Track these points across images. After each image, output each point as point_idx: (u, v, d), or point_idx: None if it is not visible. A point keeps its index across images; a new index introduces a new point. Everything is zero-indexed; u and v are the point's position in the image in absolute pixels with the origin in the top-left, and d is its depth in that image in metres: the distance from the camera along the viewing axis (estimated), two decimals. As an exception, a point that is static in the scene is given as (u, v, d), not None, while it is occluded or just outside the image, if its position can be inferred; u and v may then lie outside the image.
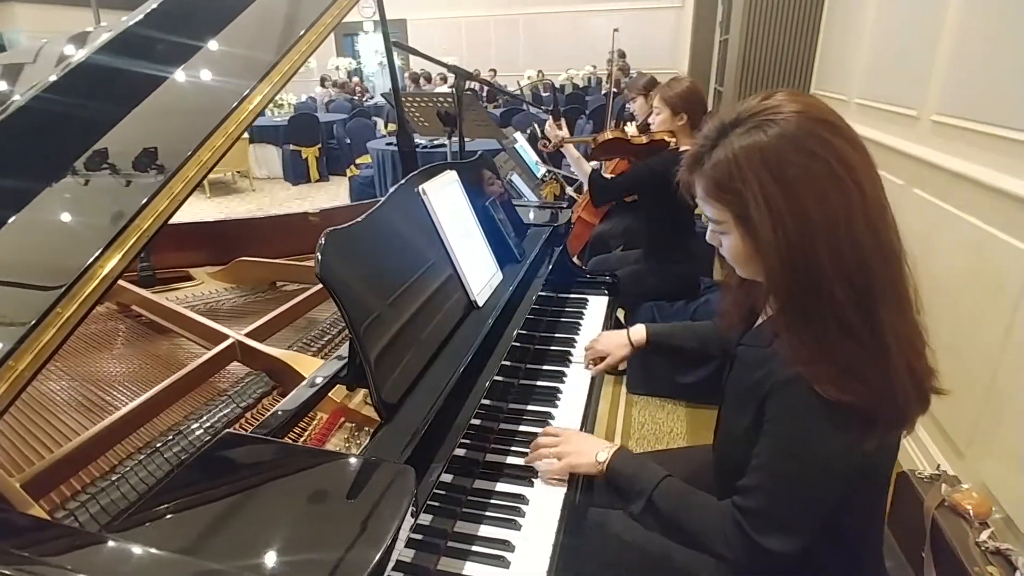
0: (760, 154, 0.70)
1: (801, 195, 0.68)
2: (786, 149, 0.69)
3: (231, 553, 0.59)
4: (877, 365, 0.70)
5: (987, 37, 1.70)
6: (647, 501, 0.89)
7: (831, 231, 0.68)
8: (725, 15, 5.76)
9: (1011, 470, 1.47)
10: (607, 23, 12.88)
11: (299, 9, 1.23)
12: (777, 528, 0.77)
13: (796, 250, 0.69)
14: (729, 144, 0.72)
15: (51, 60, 1.24)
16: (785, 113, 0.70)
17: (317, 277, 0.79)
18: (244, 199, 6.64)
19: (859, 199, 0.69)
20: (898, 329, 0.71)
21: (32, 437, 0.95)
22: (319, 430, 0.93)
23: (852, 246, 0.69)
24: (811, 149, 0.68)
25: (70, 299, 0.72)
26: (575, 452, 0.99)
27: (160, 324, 1.35)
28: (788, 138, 0.69)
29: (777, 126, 0.70)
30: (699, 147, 0.77)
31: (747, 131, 0.71)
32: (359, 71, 12.01)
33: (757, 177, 0.69)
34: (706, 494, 0.89)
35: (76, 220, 0.87)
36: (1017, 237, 1.49)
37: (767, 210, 0.69)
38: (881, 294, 0.70)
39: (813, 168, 0.68)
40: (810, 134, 0.69)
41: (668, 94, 2.20)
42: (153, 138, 0.95)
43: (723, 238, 0.80)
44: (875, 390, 0.70)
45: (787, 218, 0.69)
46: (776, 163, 0.69)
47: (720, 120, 0.75)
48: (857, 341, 0.70)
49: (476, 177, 1.40)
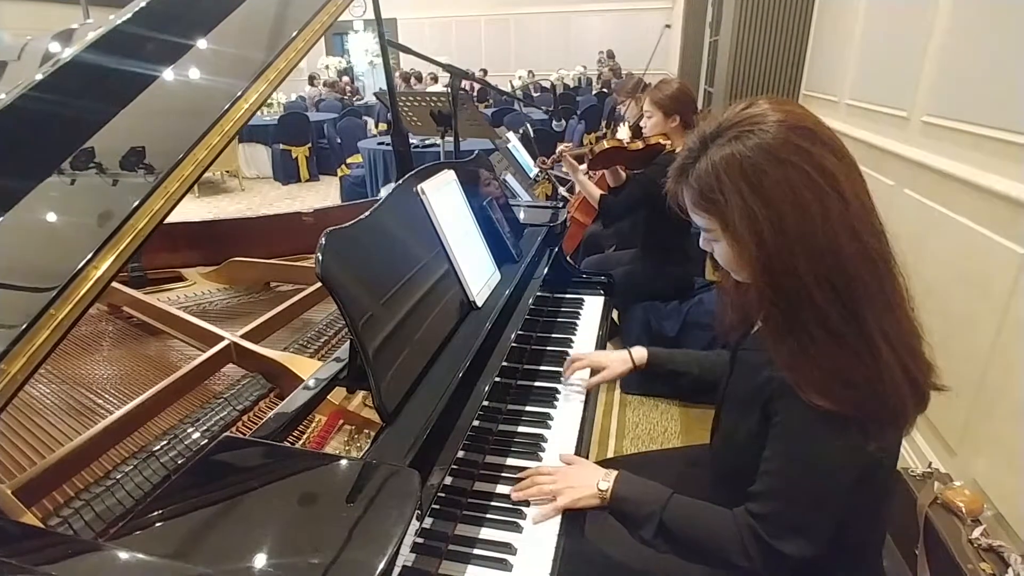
0: (739, 165, 0.71)
1: (777, 203, 0.70)
2: (763, 159, 0.70)
3: (235, 558, 0.58)
4: (866, 366, 0.70)
5: (976, 38, 1.72)
6: (658, 524, 0.86)
7: (808, 238, 0.69)
8: (715, 16, 5.80)
9: (1001, 468, 1.49)
10: (597, 24, 12.96)
11: (294, 7, 1.22)
12: (793, 532, 0.77)
13: (774, 258, 0.71)
14: (709, 156, 0.74)
15: (36, 58, 1.21)
16: (765, 123, 0.71)
17: (317, 277, 0.78)
18: (234, 199, 6.57)
19: (838, 206, 0.70)
20: (887, 330, 0.71)
21: (23, 442, 0.93)
22: (318, 433, 0.92)
23: (832, 252, 0.69)
24: (787, 159, 0.70)
25: (64, 300, 0.70)
26: (573, 487, 0.94)
27: (152, 326, 1.33)
28: (765, 148, 0.70)
29: (756, 136, 0.71)
30: (683, 159, 0.79)
31: (727, 142, 0.73)
32: (349, 70, 11.94)
33: (736, 187, 0.71)
34: (714, 506, 0.88)
35: (70, 220, 0.85)
36: (1006, 236, 1.50)
37: (747, 219, 0.71)
38: (866, 297, 0.70)
39: (790, 177, 0.69)
40: (787, 143, 0.70)
41: (658, 97, 2.21)
42: (148, 137, 0.93)
43: (714, 245, 0.82)
44: (864, 395, 0.71)
45: (765, 226, 0.70)
46: (753, 173, 0.70)
47: (702, 132, 0.77)
48: (842, 344, 0.71)
49: (474, 176, 1.40)
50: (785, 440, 0.78)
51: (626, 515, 0.91)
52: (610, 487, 0.92)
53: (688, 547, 0.87)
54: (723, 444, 0.97)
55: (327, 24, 1.14)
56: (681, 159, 0.79)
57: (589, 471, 0.98)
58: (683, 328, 2.34)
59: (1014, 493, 1.43)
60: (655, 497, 0.89)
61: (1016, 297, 1.45)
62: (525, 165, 3.48)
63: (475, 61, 11.97)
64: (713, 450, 1.02)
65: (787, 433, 0.78)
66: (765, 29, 3.99)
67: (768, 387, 0.79)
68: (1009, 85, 1.55)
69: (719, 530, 0.84)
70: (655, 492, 0.90)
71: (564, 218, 1.75)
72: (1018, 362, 1.44)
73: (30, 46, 1.33)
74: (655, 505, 0.88)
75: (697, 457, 1.23)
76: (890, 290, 0.73)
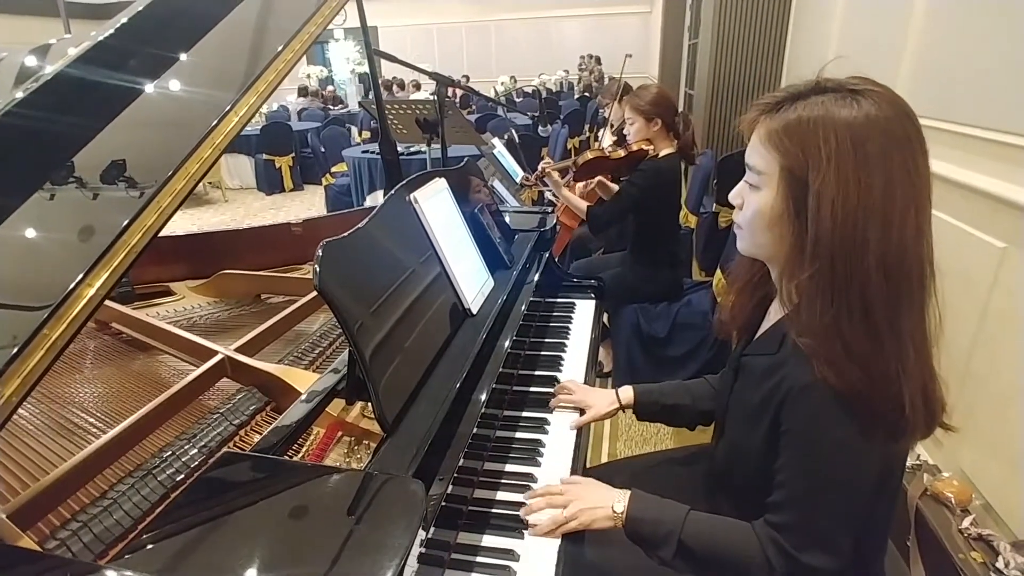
0: (847, 120, 0.70)
1: (873, 171, 0.68)
2: (873, 126, 0.69)
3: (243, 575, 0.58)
4: (887, 363, 0.70)
5: (952, 39, 1.77)
6: (677, 544, 0.84)
7: (887, 217, 0.68)
8: (694, 20, 5.87)
9: (987, 457, 1.52)
10: (576, 29, 13.07)
11: (281, 18, 1.21)
12: (816, 542, 0.76)
13: (849, 221, 0.69)
14: (816, 102, 0.72)
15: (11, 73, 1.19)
16: (878, 98, 0.71)
17: (315, 288, 0.78)
18: (217, 210, 6.50)
19: (919, 202, 0.70)
20: (918, 342, 0.71)
21: (15, 465, 0.91)
22: (317, 445, 0.91)
23: (901, 243, 0.69)
24: (896, 136, 0.69)
25: (58, 319, 0.69)
26: (588, 509, 0.90)
27: (143, 341, 1.31)
28: (877, 118, 0.69)
29: (871, 103, 0.70)
30: (783, 95, 0.76)
31: (840, 97, 0.71)
32: (330, 79, 11.89)
33: (837, 137, 0.69)
34: (732, 520, 0.86)
35: (62, 237, 0.84)
36: (987, 232, 1.54)
37: (836, 172, 0.69)
38: (909, 302, 0.70)
39: (891, 154, 0.69)
40: (900, 123, 0.70)
41: (637, 103, 2.23)
42: (139, 151, 0.92)
43: (753, 195, 0.78)
44: (878, 390, 0.70)
45: (852, 187, 0.68)
46: (860, 134, 0.69)
47: (815, 80, 0.75)
48: (874, 333, 0.70)
49: (464, 184, 1.40)
50: (799, 445, 0.76)
51: (643, 536, 0.88)
52: (626, 508, 0.89)
53: (708, 565, 0.84)
54: (729, 454, 0.94)
55: (315, 35, 1.14)
56: (779, 94, 0.76)
57: (601, 491, 0.94)
58: (672, 329, 2.36)
59: (1001, 482, 1.47)
60: (672, 516, 0.86)
61: (997, 290, 1.49)
62: (512, 171, 3.49)
63: (457, 68, 12.00)
64: (716, 459, 0.99)
65: (800, 438, 0.76)
66: (744, 31, 4.05)
67: (778, 393, 0.77)
68: (986, 84, 1.59)
69: (741, 545, 0.81)
70: (671, 511, 0.87)
71: (553, 223, 1.77)
72: (1001, 354, 1.48)
73: (5, 61, 1.31)
74: (673, 525, 0.85)
75: (692, 458, 1.23)
76: (925, 307, 0.72)
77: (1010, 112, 1.47)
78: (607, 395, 1.22)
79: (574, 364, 1.42)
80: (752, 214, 0.79)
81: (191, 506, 0.67)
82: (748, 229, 0.81)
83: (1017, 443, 1.40)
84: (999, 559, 1.26)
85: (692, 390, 1.18)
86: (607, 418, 1.21)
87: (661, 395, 1.19)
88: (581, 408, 1.22)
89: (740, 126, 0.81)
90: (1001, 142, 1.50)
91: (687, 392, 1.18)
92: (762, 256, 0.84)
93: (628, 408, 1.21)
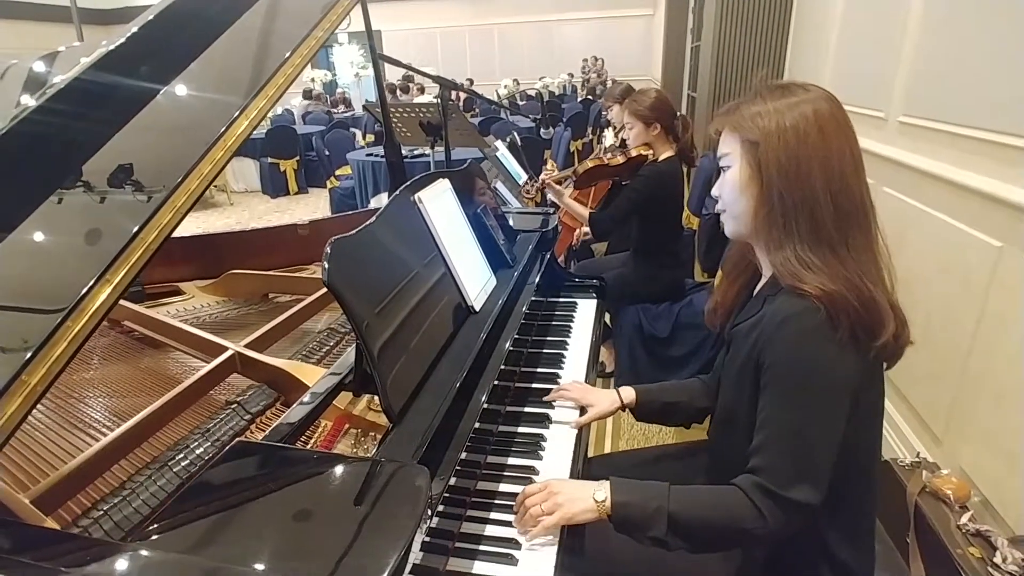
0: (785, 101, 0.87)
1: (808, 126, 0.84)
2: (804, 102, 0.86)
3: (247, 558, 0.60)
4: (849, 270, 0.81)
5: (947, 40, 1.79)
6: (668, 518, 0.84)
7: (826, 153, 0.83)
8: (696, 23, 5.90)
9: (986, 454, 1.54)
10: (579, 32, 13.11)
11: (289, 23, 1.24)
12: (799, 475, 0.80)
13: (792, 161, 0.83)
14: (760, 99, 0.90)
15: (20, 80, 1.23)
16: (807, 89, 0.89)
17: (324, 284, 0.81)
18: (223, 213, 6.56)
19: (851, 144, 0.85)
20: (865, 259, 0.84)
21: (34, 455, 0.94)
22: (325, 437, 0.94)
23: (840, 171, 0.83)
24: (823, 108, 0.86)
25: (80, 312, 0.72)
26: (568, 501, 0.90)
27: (153, 338, 1.35)
28: (807, 98, 0.87)
29: (803, 91, 0.88)
30: (735, 102, 0.94)
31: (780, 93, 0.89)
32: (334, 83, 11.96)
33: (775, 109, 0.86)
34: (715, 486, 0.88)
35: (77, 238, 0.87)
36: (983, 231, 1.56)
37: (776, 127, 0.85)
38: (855, 221, 0.84)
39: (822, 113, 0.85)
40: (825, 100, 0.87)
41: (636, 108, 2.26)
42: (155, 154, 0.96)
43: (725, 175, 0.92)
44: (843, 286, 0.80)
45: (791, 135, 0.84)
46: (794, 105, 0.86)
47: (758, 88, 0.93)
48: (829, 246, 0.83)
49: (468, 185, 1.43)
50: (777, 376, 0.83)
51: (631, 520, 0.87)
52: (607, 496, 0.89)
53: (702, 533, 0.86)
54: (723, 425, 0.98)
55: (323, 40, 1.17)
56: (734, 102, 0.94)
57: (577, 484, 0.95)
58: (675, 329, 2.38)
59: (999, 479, 1.48)
60: (656, 492, 0.87)
61: (994, 288, 1.51)
62: (514, 173, 3.52)
63: (460, 71, 12.04)
64: (712, 438, 1.03)
65: (777, 366, 0.83)
66: (745, 34, 4.08)
67: (761, 339, 0.84)
68: (981, 85, 1.61)
69: (728, 502, 0.84)
70: (653, 489, 0.88)
71: (555, 223, 1.79)
72: (998, 351, 1.49)
73: (16, 67, 1.34)
74: (659, 500, 0.86)
75: (688, 451, 1.25)
76: (872, 233, 0.86)
77: (1007, 112, 1.49)
78: (609, 394, 1.24)
79: (576, 363, 1.44)
80: (727, 187, 0.92)
81: (202, 492, 0.69)
82: (726, 203, 0.93)
83: (1014, 440, 1.42)
84: (997, 554, 1.28)
85: (688, 388, 1.21)
86: (608, 416, 1.23)
87: (660, 394, 1.23)
88: (583, 407, 1.24)
89: (711, 133, 0.97)
90: (998, 142, 1.52)
91: (683, 390, 1.21)
92: (745, 231, 0.93)
93: (630, 407, 1.23)
